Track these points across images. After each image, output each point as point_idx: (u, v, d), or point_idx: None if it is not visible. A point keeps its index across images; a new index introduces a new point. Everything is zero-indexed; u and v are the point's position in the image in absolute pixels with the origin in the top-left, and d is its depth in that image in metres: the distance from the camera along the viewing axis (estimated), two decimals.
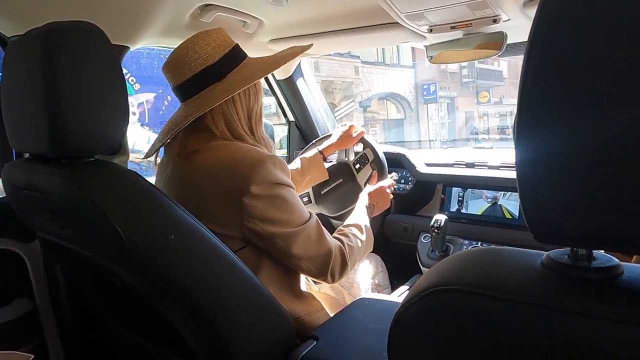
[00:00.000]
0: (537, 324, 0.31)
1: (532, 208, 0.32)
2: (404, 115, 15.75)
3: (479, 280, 0.35)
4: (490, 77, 16.73)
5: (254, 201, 0.83)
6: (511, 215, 1.42)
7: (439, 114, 16.32)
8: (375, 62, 14.58)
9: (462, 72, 16.44)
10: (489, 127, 16.33)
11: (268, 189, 0.84)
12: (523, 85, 0.32)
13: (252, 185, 0.82)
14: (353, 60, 13.34)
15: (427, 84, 15.64)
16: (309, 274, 0.94)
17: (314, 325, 0.99)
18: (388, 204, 1.29)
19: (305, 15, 1.32)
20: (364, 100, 14.34)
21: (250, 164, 0.83)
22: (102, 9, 1.04)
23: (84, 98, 0.71)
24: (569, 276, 0.33)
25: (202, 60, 0.90)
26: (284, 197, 0.86)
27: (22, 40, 0.75)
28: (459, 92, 16.88)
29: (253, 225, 0.84)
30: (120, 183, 0.72)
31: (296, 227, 0.88)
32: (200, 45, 0.90)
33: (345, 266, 0.96)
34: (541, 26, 0.31)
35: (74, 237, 0.79)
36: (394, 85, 15.16)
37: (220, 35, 0.94)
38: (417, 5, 1.07)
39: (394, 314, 0.41)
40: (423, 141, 15.90)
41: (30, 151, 0.81)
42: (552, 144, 0.30)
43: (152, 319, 0.94)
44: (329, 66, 12.56)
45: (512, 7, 1.06)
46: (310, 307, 1.03)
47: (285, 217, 0.86)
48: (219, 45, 0.92)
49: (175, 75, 0.93)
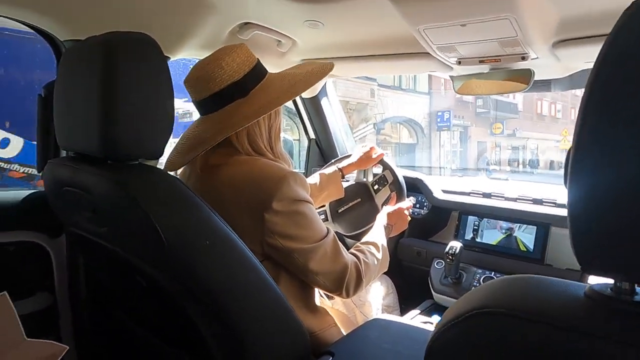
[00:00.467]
0: (581, 351, 0.33)
1: (583, 242, 0.35)
2: (416, 141, 15.84)
3: (524, 305, 0.37)
4: (505, 109, 16.84)
5: (275, 217, 0.85)
6: (526, 248, 1.44)
7: (451, 141, 16.38)
8: (392, 86, 14.77)
9: (477, 102, 16.57)
10: (501, 159, 16.34)
11: (289, 206, 0.86)
12: (582, 121, 0.34)
13: (274, 201, 0.84)
14: (370, 83, 13.52)
15: (442, 112, 15.77)
16: (325, 289, 0.96)
17: (327, 341, 1.00)
18: (406, 226, 1.31)
19: (338, 39, 1.36)
20: (378, 122, 14.46)
21: (273, 181, 0.86)
22: (151, 21, 1.09)
23: (136, 105, 0.75)
24: (612, 308, 0.35)
25: (228, 77, 0.91)
26: (303, 213, 0.89)
27: (82, 47, 0.79)
28: (472, 121, 16.98)
29: (273, 240, 0.87)
30: (163, 187, 0.75)
31: (314, 243, 0.89)
32: (226, 61, 0.92)
33: (360, 282, 0.97)
34: (607, 61, 0.33)
35: (112, 236, 0.82)
36: (409, 110, 15.30)
37: (244, 52, 0.95)
38: (449, 39, 1.11)
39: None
40: (433, 167, 15.92)
41: (77, 150, 0.84)
42: (610, 180, 0.32)
43: (170, 319, 0.96)
44: (345, 86, 12.72)
45: (542, 46, 1.10)
46: (324, 323, 1.04)
47: (304, 234, 0.89)
48: (244, 61, 0.93)
49: (199, 89, 0.94)
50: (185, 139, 0.99)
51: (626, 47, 0.32)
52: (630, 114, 0.31)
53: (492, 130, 16.83)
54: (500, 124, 16.64)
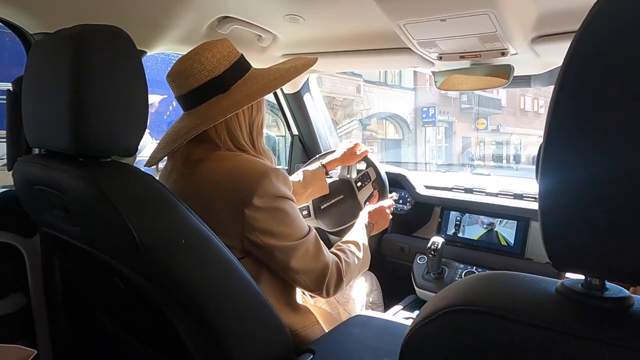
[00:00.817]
0: (551, 347, 0.33)
1: (553, 236, 0.35)
2: (401, 136, 15.94)
3: (496, 302, 0.37)
4: (489, 105, 17.06)
5: (256, 213, 0.84)
6: (507, 242, 1.45)
7: (437, 137, 16.54)
8: (377, 82, 14.83)
9: (461, 98, 16.75)
10: (485, 154, 16.56)
11: (270, 202, 0.85)
12: (552, 118, 0.33)
13: (254, 197, 0.83)
14: (356, 79, 13.57)
15: (427, 107, 15.90)
16: (305, 288, 0.95)
17: (309, 339, 1.00)
18: (387, 224, 1.31)
19: (319, 33, 1.35)
20: (363, 118, 14.51)
21: (255, 176, 0.85)
22: (125, 13, 1.06)
23: (108, 100, 0.72)
24: (582, 304, 0.35)
25: (207, 72, 0.90)
26: (285, 210, 0.88)
27: (51, 40, 0.77)
28: (457, 117, 17.15)
29: (254, 236, 0.86)
30: (137, 185, 0.73)
31: (295, 241, 0.89)
32: (205, 56, 0.91)
33: (341, 282, 0.97)
34: (575, 59, 0.33)
35: (85, 236, 0.80)
36: (394, 106, 15.38)
37: (225, 47, 0.94)
38: (430, 34, 1.11)
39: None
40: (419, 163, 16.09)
41: (48, 147, 0.82)
42: (579, 176, 0.32)
43: (150, 321, 0.94)
44: (331, 82, 12.74)
45: (521, 42, 1.11)
46: (306, 321, 1.03)
47: (286, 231, 0.88)
48: (225, 56, 0.92)
49: (179, 85, 0.93)
50: (166, 135, 0.98)
51: (592, 45, 0.32)
52: (597, 112, 0.31)
53: (477, 126, 17.04)
54: (484, 119, 16.85)
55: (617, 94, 0.31)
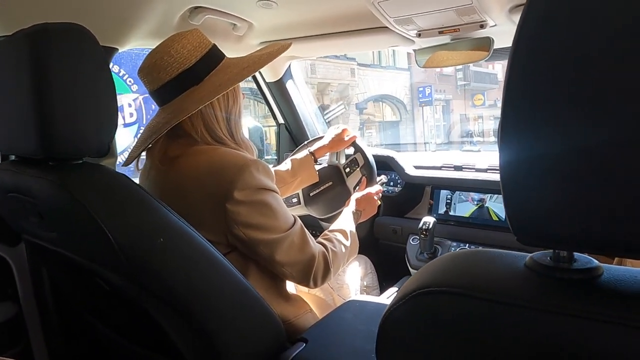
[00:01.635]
0: (520, 324, 0.32)
1: (516, 210, 0.33)
2: (399, 118, 15.85)
3: (464, 282, 0.36)
4: (484, 80, 16.88)
5: (237, 207, 0.82)
6: (498, 218, 1.45)
7: (434, 116, 16.43)
8: (371, 65, 14.69)
9: (457, 75, 16.57)
10: (484, 130, 16.44)
11: (251, 195, 0.83)
12: (507, 86, 0.33)
13: (235, 190, 0.81)
14: (349, 63, 13.45)
15: (423, 87, 15.76)
16: (292, 280, 0.94)
17: (303, 328, 0.99)
18: (375, 211, 1.30)
19: (294, 18, 1.32)
20: (359, 102, 14.41)
21: (234, 169, 0.83)
22: (89, 10, 1.03)
23: (72, 99, 0.70)
24: (551, 277, 0.34)
25: (178, 65, 0.88)
26: (267, 202, 0.86)
27: (10, 41, 0.74)
28: (454, 94, 17.02)
29: (237, 231, 0.84)
30: (109, 186, 0.71)
31: (280, 234, 0.87)
32: (175, 48, 0.88)
33: (328, 272, 0.96)
34: (527, 27, 0.32)
35: (62, 240, 0.78)
36: (390, 88, 15.27)
37: (196, 37, 0.91)
38: (405, 10, 1.08)
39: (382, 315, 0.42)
40: (418, 144, 15.98)
41: (17, 153, 0.80)
42: (536, 146, 0.31)
43: (139, 321, 0.94)
44: (325, 68, 12.64)
45: (499, 13, 1.08)
46: (299, 310, 1.03)
47: (269, 223, 0.86)
48: (195, 47, 0.90)
49: (151, 80, 0.91)
50: (142, 132, 0.96)
51: (539, 18, 0.31)
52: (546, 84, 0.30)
53: (474, 102, 16.90)
54: (481, 95, 16.69)
55: (564, 66, 0.30)
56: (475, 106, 16.88)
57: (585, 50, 0.30)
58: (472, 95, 17.03)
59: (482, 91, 16.87)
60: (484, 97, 16.65)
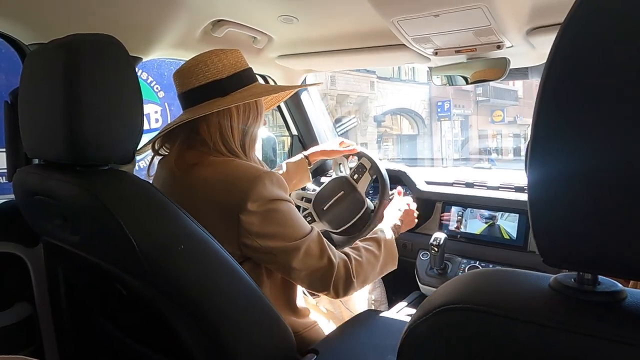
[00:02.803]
0: (544, 343, 0.33)
1: (543, 231, 0.34)
2: (417, 131, 15.83)
3: (489, 300, 0.37)
4: (504, 97, 16.74)
5: (251, 217, 0.83)
6: (509, 236, 1.45)
7: (452, 131, 16.35)
8: (391, 78, 14.77)
9: (476, 91, 16.50)
10: (503, 147, 16.25)
11: (265, 205, 0.84)
12: (539, 107, 0.33)
13: (248, 201, 0.83)
14: (369, 75, 13.57)
15: (442, 101, 15.73)
16: (311, 288, 0.93)
17: (312, 340, 0.99)
18: (414, 222, 1.29)
19: (314, 33, 1.35)
20: (378, 114, 14.45)
21: (248, 181, 0.84)
22: (118, 21, 1.07)
23: (102, 108, 0.73)
24: (575, 299, 0.35)
25: (211, 74, 0.93)
26: (281, 211, 0.87)
27: (44, 50, 0.77)
28: (473, 110, 16.95)
29: (251, 241, 0.85)
30: (134, 192, 0.73)
31: (296, 241, 0.87)
32: (212, 60, 0.93)
33: (351, 282, 0.93)
34: (562, 44, 0.33)
35: (85, 244, 0.80)
36: (409, 101, 15.29)
37: (234, 56, 0.97)
38: (424, 30, 1.10)
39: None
40: (436, 159, 15.86)
41: (45, 157, 0.82)
42: (567, 166, 0.31)
43: (154, 326, 0.95)
44: (345, 80, 12.77)
45: (516, 35, 1.10)
46: (308, 322, 1.03)
47: (283, 232, 0.86)
48: (231, 64, 0.95)
49: (182, 83, 0.96)
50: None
51: (575, 39, 0.32)
52: (581, 105, 0.31)
53: (493, 118, 16.77)
54: (500, 111, 16.54)
55: (600, 85, 0.30)
56: (494, 122, 16.75)
57: (620, 68, 0.30)
58: (491, 112, 16.92)
59: (502, 107, 16.74)
60: (503, 113, 16.52)
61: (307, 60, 1.53)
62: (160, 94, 3.86)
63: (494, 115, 16.66)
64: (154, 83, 3.80)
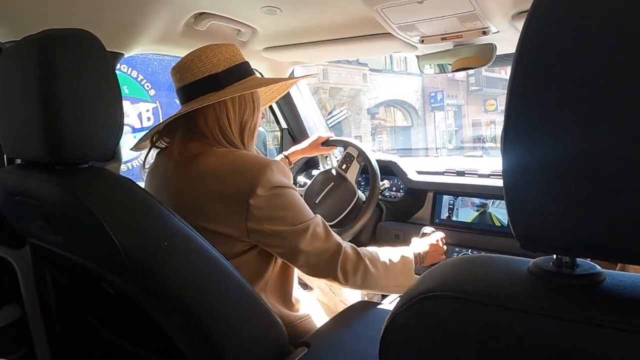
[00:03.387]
0: (523, 329, 0.33)
1: (518, 216, 0.34)
2: (410, 123, 15.80)
3: (467, 287, 0.36)
4: (497, 86, 16.67)
5: (260, 202, 0.85)
6: (500, 223, 1.44)
7: (446, 121, 16.33)
8: (383, 70, 14.71)
9: (469, 80, 16.46)
10: (496, 135, 16.23)
11: (273, 190, 0.87)
12: (511, 93, 0.33)
13: (258, 187, 0.85)
14: (361, 68, 13.51)
15: (435, 92, 15.68)
16: (317, 271, 0.92)
17: (306, 332, 1.00)
18: (441, 257, 1.24)
19: (299, 24, 1.33)
20: (371, 107, 14.41)
21: (257, 168, 0.86)
22: (96, 16, 1.05)
23: (79, 104, 0.71)
24: (553, 282, 0.34)
25: (206, 69, 0.94)
26: (288, 196, 0.89)
27: (18, 46, 0.75)
28: (466, 100, 16.92)
29: (259, 225, 0.86)
30: (114, 190, 0.72)
31: (302, 223, 0.89)
32: (207, 55, 0.95)
33: (360, 263, 0.93)
34: (529, 34, 0.32)
35: (68, 244, 0.79)
36: (402, 93, 15.25)
37: (229, 50, 0.97)
38: (408, 17, 1.09)
39: (385, 320, 0.42)
40: (430, 149, 15.86)
41: (23, 157, 0.81)
42: (540, 152, 0.31)
43: (144, 325, 0.94)
44: (337, 73, 12.71)
45: (501, 20, 1.09)
46: (302, 314, 1.03)
47: (291, 215, 0.88)
48: (226, 59, 0.96)
49: (179, 78, 0.98)
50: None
51: (544, 22, 0.31)
52: (549, 90, 0.31)
53: (486, 108, 16.76)
54: (493, 100, 16.50)
55: (569, 70, 0.30)
56: (487, 111, 16.74)
57: (587, 55, 0.30)
58: (484, 101, 16.90)
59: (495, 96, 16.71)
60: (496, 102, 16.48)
61: (293, 52, 1.51)
62: (151, 92, 3.83)
63: (487, 104, 16.64)
64: (144, 81, 3.77)
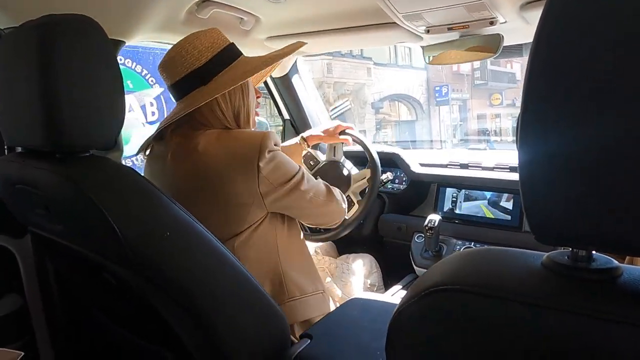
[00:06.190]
0: (537, 323, 0.32)
1: (534, 209, 0.33)
2: (415, 117, 15.73)
3: (480, 280, 0.35)
4: (502, 80, 16.59)
5: (268, 165, 0.92)
6: (494, 216, 1.43)
7: (451, 115, 16.24)
8: (388, 64, 14.60)
9: (474, 74, 16.35)
10: (501, 129, 16.16)
11: (270, 154, 0.93)
12: (528, 86, 0.32)
13: (265, 151, 0.91)
14: (365, 62, 13.43)
15: (440, 86, 15.58)
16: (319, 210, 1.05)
17: (316, 307, 1.04)
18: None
19: (302, 13, 1.31)
20: (375, 101, 14.34)
21: (259, 135, 0.92)
22: (97, 3, 1.03)
23: (79, 92, 0.70)
24: (569, 277, 0.33)
25: (188, 64, 0.94)
26: (281, 155, 0.96)
27: (17, 32, 0.74)
28: (471, 94, 16.81)
29: (270, 187, 0.93)
30: (116, 179, 0.71)
31: (295, 174, 0.98)
32: (186, 48, 0.94)
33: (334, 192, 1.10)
34: (547, 26, 0.32)
35: (69, 233, 0.78)
36: (406, 87, 15.16)
37: (209, 37, 0.96)
38: (415, 6, 1.07)
39: (388, 313, 0.42)
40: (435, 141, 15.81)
41: (23, 145, 0.80)
42: (556, 144, 0.30)
43: (145, 315, 0.93)
44: (342, 67, 12.64)
45: (509, 10, 1.07)
46: (318, 286, 1.07)
47: (288, 169, 0.97)
48: (207, 47, 0.95)
49: (166, 76, 0.98)
50: (160, 124, 1.03)
51: (563, 11, 0.30)
52: (569, 81, 0.29)
53: (491, 102, 16.67)
54: (499, 94, 16.42)
55: (587, 61, 0.29)
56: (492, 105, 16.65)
57: (606, 47, 0.29)
58: (489, 95, 16.80)
59: (500, 90, 16.61)
60: (501, 96, 16.39)
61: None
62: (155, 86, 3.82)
63: (492, 98, 16.53)
64: (148, 75, 3.75)
